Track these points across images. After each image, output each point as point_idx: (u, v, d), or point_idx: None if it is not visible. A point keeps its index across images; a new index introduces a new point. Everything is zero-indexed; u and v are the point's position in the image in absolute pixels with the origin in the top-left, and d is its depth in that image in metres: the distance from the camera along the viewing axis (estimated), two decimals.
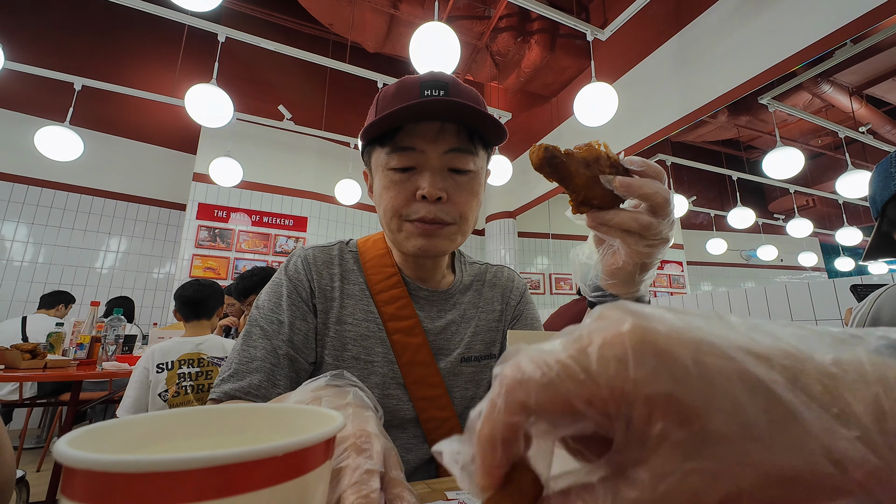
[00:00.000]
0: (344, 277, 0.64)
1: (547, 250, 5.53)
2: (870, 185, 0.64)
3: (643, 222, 0.38)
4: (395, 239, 0.60)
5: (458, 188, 0.58)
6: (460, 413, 0.65)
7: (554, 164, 0.38)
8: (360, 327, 0.62)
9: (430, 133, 0.55)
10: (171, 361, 1.52)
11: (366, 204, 4.68)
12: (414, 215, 0.56)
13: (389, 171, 0.57)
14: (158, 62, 4.27)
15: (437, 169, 0.56)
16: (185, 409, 0.22)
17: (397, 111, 0.52)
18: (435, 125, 0.55)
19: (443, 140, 0.56)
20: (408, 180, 0.56)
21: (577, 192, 0.39)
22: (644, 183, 0.37)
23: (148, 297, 4.18)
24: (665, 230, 0.39)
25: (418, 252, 0.58)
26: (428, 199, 0.55)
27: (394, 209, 0.57)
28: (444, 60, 2.19)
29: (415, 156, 0.56)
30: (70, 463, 0.14)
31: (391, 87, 0.59)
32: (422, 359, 0.62)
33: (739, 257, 6.82)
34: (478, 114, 0.53)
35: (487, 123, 0.55)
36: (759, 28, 2.40)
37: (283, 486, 0.16)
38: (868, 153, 5.19)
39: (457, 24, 3.56)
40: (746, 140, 5.27)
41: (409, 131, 0.55)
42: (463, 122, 0.57)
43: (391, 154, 0.56)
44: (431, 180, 0.55)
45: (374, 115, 0.59)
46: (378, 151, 0.59)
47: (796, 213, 5.03)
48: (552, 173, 0.38)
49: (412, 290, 0.65)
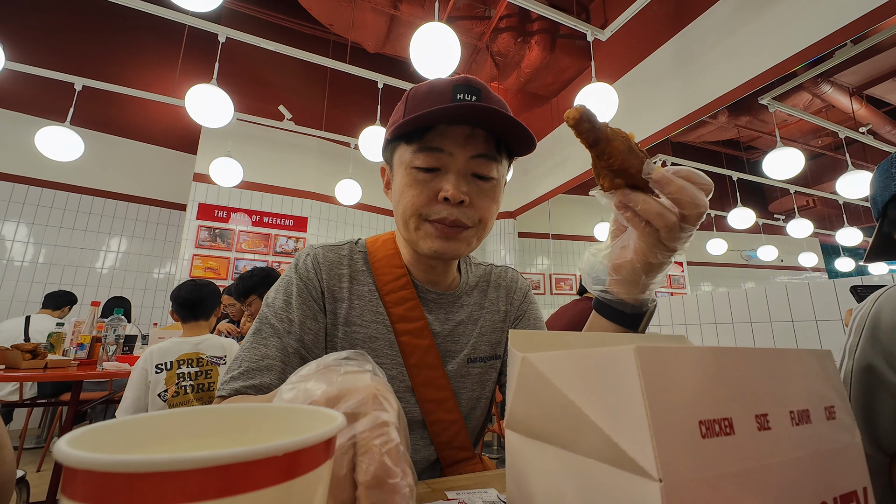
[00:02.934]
0: (353, 278, 0.64)
1: (547, 250, 5.53)
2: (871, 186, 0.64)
3: (668, 220, 0.37)
4: (412, 238, 0.59)
5: (480, 193, 0.57)
6: (466, 414, 0.65)
7: (593, 123, 0.37)
8: (369, 329, 0.61)
9: (460, 137, 0.55)
10: (170, 362, 1.52)
11: (366, 204, 4.68)
12: (434, 216, 0.56)
13: (413, 169, 0.56)
14: (159, 62, 4.27)
15: (462, 172, 0.56)
16: (185, 409, 0.22)
17: (434, 111, 0.52)
18: (465, 129, 0.56)
19: (471, 145, 0.56)
20: (431, 181, 0.56)
21: (614, 157, 0.38)
22: (685, 186, 0.36)
23: (148, 297, 4.18)
24: (682, 241, 0.39)
25: (434, 254, 0.58)
26: (450, 202, 0.55)
27: (414, 208, 0.56)
28: (444, 61, 2.19)
29: (442, 157, 0.55)
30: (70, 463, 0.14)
31: (422, 86, 0.59)
32: (430, 361, 0.62)
33: (740, 257, 6.82)
34: (511, 122, 0.54)
35: (519, 133, 0.56)
36: (759, 28, 2.40)
37: (283, 486, 0.16)
38: (868, 153, 5.19)
39: (457, 24, 3.57)
40: (746, 140, 5.27)
41: (440, 132, 0.55)
42: (494, 130, 0.57)
43: (418, 153, 0.56)
44: (455, 183, 0.55)
45: (403, 113, 0.59)
46: (403, 148, 0.58)
47: (796, 213, 5.03)
48: (591, 130, 0.37)
49: (421, 292, 0.65)
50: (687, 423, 0.18)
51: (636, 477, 0.18)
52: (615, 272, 0.43)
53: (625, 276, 0.43)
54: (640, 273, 0.42)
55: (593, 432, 0.21)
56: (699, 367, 0.20)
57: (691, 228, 0.38)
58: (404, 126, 0.54)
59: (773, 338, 2.09)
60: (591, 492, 0.21)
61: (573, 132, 0.38)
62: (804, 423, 0.22)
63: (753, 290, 2.21)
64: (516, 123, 0.54)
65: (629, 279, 0.43)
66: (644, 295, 0.45)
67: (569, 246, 5.66)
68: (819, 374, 0.24)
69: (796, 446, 0.21)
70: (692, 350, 0.20)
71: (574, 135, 0.38)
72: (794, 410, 0.22)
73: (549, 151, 4.22)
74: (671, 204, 0.37)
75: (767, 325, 2.12)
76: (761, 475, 0.19)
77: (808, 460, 0.21)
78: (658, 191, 0.38)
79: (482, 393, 0.67)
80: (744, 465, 0.19)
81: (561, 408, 0.23)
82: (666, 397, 0.18)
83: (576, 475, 0.22)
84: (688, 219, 0.37)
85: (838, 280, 1.91)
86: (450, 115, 0.53)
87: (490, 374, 0.68)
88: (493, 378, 0.69)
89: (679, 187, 0.36)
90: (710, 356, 0.20)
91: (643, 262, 0.41)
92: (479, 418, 0.68)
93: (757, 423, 0.20)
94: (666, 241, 0.39)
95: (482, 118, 0.54)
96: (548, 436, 0.25)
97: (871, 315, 0.49)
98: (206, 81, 2.60)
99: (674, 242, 0.39)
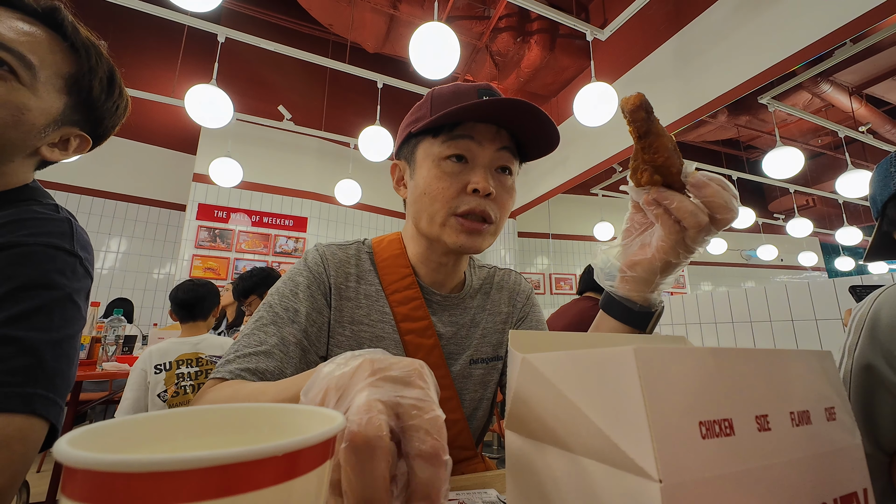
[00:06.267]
0: (360, 277, 0.65)
1: (547, 250, 5.54)
2: (870, 185, 0.64)
3: (700, 221, 0.39)
4: (434, 232, 0.59)
5: (502, 188, 0.59)
6: (469, 415, 0.65)
7: (650, 114, 0.38)
8: (375, 328, 0.62)
9: (488, 133, 0.58)
10: (169, 362, 1.52)
11: (366, 204, 4.68)
12: (463, 206, 0.57)
13: (443, 160, 0.58)
14: (158, 63, 4.26)
15: (488, 166, 0.58)
16: (185, 409, 0.22)
17: (472, 105, 0.53)
18: (493, 127, 0.58)
19: (498, 139, 0.58)
20: (460, 173, 0.57)
21: (660, 153, 0.39)
22: (720, 192, 0.38)
23: (148, 297, 4.18)
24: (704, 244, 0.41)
25: (458, 248, 0.58)
26: (479, 193, 0.56)
27: (444, 200, 0.57)
28: (443, 61, 2.19)
29: (472, 146, 0.57)
30: (70, 462, 0.14)
31: (446, 88, 0.62)
32: (433, 361, 0.62)
33: (739, 257, 6.82)
34: (541, 118, 0.56)
35: (546, 131, 0.58)
36: (758, 28, 2.40)
37: (283, 486, 0.16)
38: (868, 153, 5.19)
39: (456, 24, 3.57)
40: (746, 140, 5.27)
41: (469, 128, 0.58)
42: (516, 130, 0.59)
43: (448, 142, 0.57)
44: (484, 175, 0.57)
45: (429, 110, 0.60)
46: (429, 142, 0.59)
47: (796, 212, 5.03)
48: (645, 121, 0.38)
49: (426, 294, 0.66)
50: (687, 424, 0.18)
51: (636, 477, 0.18)
52: (630, 268, 0.44)
53: (640, 273, 0.44)
54: (657, 271, 0.43)
55: (593, 433, 0.21)
56: (699, 367, 0.20)
57: (716, 232, 0.40)
58: (439, 119, 0.56)
59: (773, 337, 2.10)
60: (590, 492, 0.21)
61: (626, 119, 0.38)
62: (804, 423, 0.22)
63: (753, 290, 2.21)
64: (546, 119, 0.56)
65: (644, 277, 0.44)
66: (654, 294, 0.46)
67: (568, 246, 5.67)
68: (819, 374, 0.24)
69: (796, 447, 0.21)
70: (692, 350, 0.20)
71: (626, 122, 0.38)
72: (795, 411, 0.22)
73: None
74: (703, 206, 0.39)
75: (767, 325, 2.12)
76: (761, 476, 0.19)
77: (808, 461, 0.21)
78: (693, 193, 0.40)
79: (484, 394, 0.68)
80: (744, 465, 0.19)
81: (561, 408, 0.23)
82: (666, 398, 0.18)
83: (576, 475, 0.22)
84: (717, 222, 0.39)
85: (838, 279, 1.91)
86: (485, 109, 0.55)
87: (492, 375, 0.69)
88: (494, 379, 0.70)
89: (715, 191, 0.38)
90: (709, 357, 0.20)
91: (663, 261, 0.42)
92: (482, 419, 0.69)
93: (757, 424, 0.20)
94: (690, 242, 0.40)
95: (509, 116, 0.57)
96: (548, 436, 0.25)
97: (871, 314, 0.49)
98: (205, 81, 2.60)
99: (696, 244, 0.40)
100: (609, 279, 0.47)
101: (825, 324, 1.91)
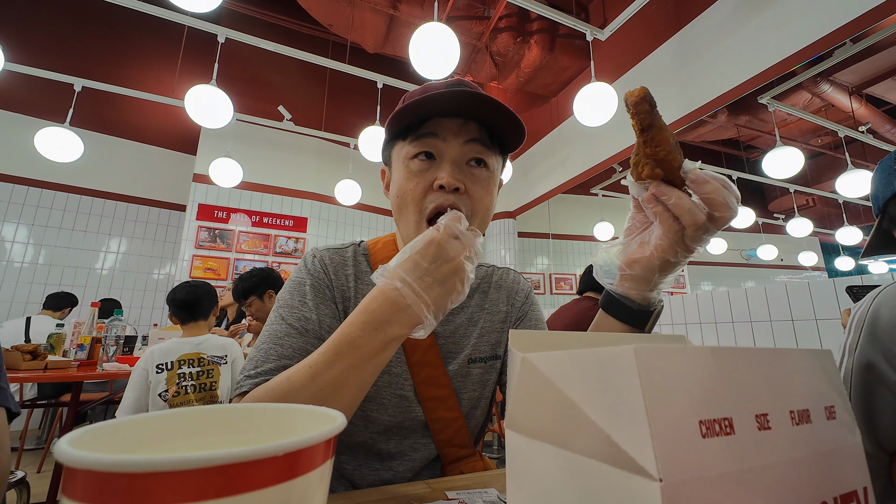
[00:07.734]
0: (358, 278, 0.65)
1: (547, 250, 5.53)
2: (871, 183, 0.64)
3: (698, 219, 0.39)
4: (410, 234, 0.59)
5: (474, 181, 0.58)
6: (466, 413, 0.65)
7: (653, 107, 0.38)
8: None
9: (453, 126, 0.57)
10: (171, 362, 1.52)
11: (366, 204, 4.68)
12: (431, 205, 0.56)
13: (410, 160, 0.57)
14: (158, 63, 4.27)
15: (456, 161, 0.57)
16: (186, 409, 0.22)
17: (427, 97, 0.53)
18: (458, 120, 0.57)
19: (465, 132, 0.57)
20: (427, 170, 0.57)
21: (661, 146, 0.39)
22: (719, 189, 0.38)
23: (148, 297, 4.18)
24: (703, 243, 0.40)
25: None
26: (445, 189, 0.55)
27: (414, 200, 0.57)
28: (443, 61, 2.19)
29: (437, 143, 0.57)
30: (71, 463, 0.14)
31: (416, 89, 0.61)
32: (430, 359, 0.63)
33: (739, 257, 6.82)
34: (501, 109, 0.55)
35: (509, 121, 0.56)
36: (758, 28, 2.40)
37: (283, 486, 0.16)
38: (868, 152, 5.19)
39: (456, 24, 3.56)
40: (746, 140, 5.26)
41: (434, 123, 0.57)
42: (485, 120, 0.58)
43: (414, 142, 0.57)
44: (450, 171, 0.56)
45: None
46: (400, 145, 0.59)
47: (796, 212, 5.03)
48: (648, 114, 0.38)
49: None
50: (687, 423, 0.18)
51: (636, 477, 0.18)
52: (629, 267, 0.44)
53: (639, 271, 0.44)
54: (656, 270, 0.43)
55: (593, 432, 0.21)
56: (699, 366, 0.20)
57: (715, 231, 0.39)
58: (399, 115, 0.55)
59: (773, 337, 2.10)
60: (591, 492, 0.21)
61: (629, 112, 0.38)
62: (804, 422, 0.22)
63: (753, 290, 2.21)
64: (505, 110, 0.55)
65: (643, 275, 0.44)
66: (653, 293, 0.46)
67: (568, 246, 5.66)
68: (819, 373, 0.24)
69: (796, 446, 0.21)
70: (692, 350, 0.20)
71: (630, 115, 0.39)
72: (795, 410, 0.22)
73: (549, 151, 4.22)
74: (702, 204, 0.39)
75: (767, 325, 2.12)
76: (762, 475, 0.19)
77: (808, 460, 0.21)
78: (693, 190, 0.39)
79: (483, 393, 0.68)
80: (744, 464, 0.19)
81: (561, 408, 0.23)
82: (666, 397, 0.18)
83: (576, 475, 0.22)
84: (716, 221, 0.39)
85: (838, 279, 1.91)
86: (444, 101, 0.54)
87: (490, 374, 0.69)
88: (493, 378, 0.70)
89: (714, 188, 0.38)
90: (709, 356, 0.20)
91: (661, 260, 0.42)
92: (480, 418, 0.69)
93: (757, 423, 0.20)
94: (688, 241, 0.40)
95: (473, 107, 0.56)
96: (548, 436, 0.25)
97: (870, 313, 0.49)
98: (205, 82, 2.61)
99: (695, 243, 0.40)
100: (609, 277, 0.47)
101: (825, 323, 1.91)
